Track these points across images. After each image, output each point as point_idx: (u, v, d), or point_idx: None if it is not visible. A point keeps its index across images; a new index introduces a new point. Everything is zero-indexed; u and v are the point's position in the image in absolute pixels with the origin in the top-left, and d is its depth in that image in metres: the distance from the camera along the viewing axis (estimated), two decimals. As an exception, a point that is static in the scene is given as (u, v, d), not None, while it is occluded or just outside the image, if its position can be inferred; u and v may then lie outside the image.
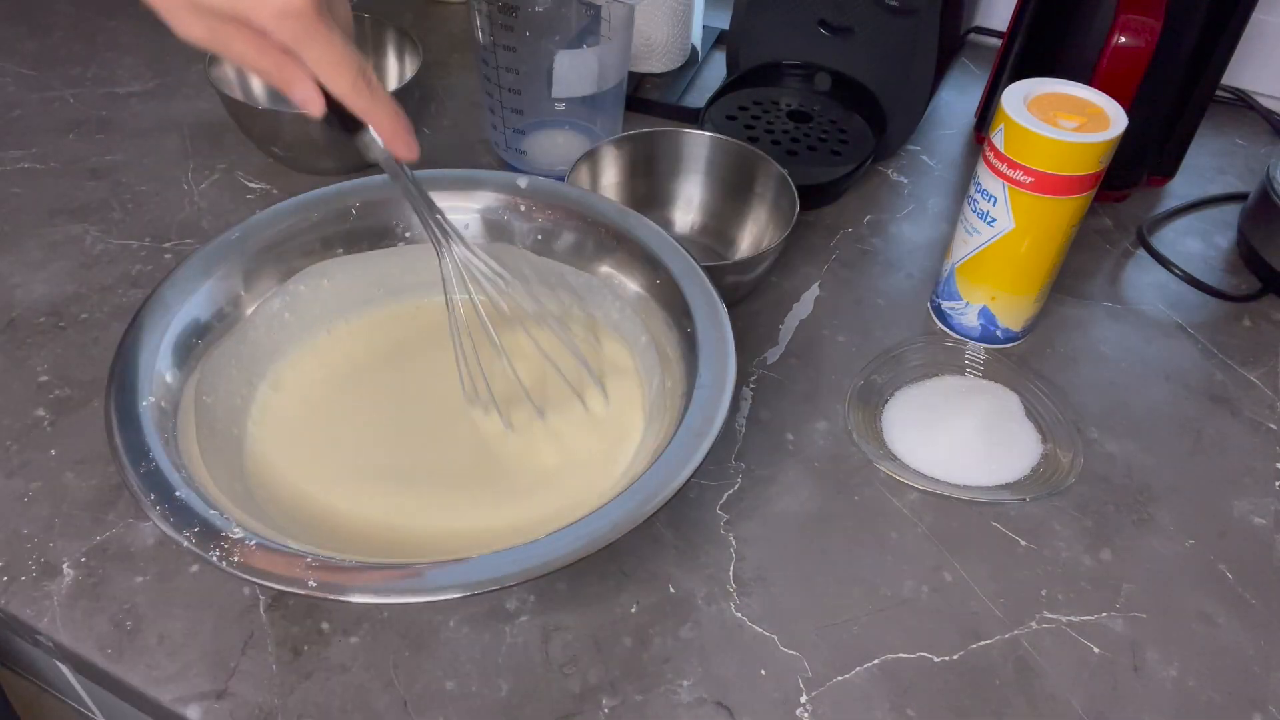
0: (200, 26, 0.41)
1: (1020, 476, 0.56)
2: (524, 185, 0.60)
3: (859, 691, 0.47)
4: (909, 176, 0.78)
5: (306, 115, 0.45)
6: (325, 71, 0.43)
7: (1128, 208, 0.76)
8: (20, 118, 0.80)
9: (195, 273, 0.54)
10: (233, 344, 0.54)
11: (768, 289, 0.68)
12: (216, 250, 0.55)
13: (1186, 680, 0.48)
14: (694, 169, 0.70)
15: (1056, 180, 0.54)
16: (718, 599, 0.50)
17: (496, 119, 0.73)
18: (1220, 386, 0.62)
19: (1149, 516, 0.55)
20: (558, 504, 0.51)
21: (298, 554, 0.42)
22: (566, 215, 0.60)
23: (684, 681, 0.47)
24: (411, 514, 0.50)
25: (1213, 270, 0.71)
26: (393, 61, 0.78)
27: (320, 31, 0.42)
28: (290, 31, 0.41)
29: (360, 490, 0.51)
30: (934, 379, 0.61)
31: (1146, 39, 0.63)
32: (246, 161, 0.76)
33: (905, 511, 0.55)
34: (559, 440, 0.54)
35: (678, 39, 0.84)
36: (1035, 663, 0.48)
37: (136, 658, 0.47)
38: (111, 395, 0.48)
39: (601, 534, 0.42)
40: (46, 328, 0.63)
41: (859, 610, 0.50)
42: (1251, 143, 0.83)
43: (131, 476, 0.44)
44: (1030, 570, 0.52)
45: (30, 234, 0.69)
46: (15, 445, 0.56)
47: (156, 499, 0.43)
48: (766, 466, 0.56)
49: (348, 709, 0.46)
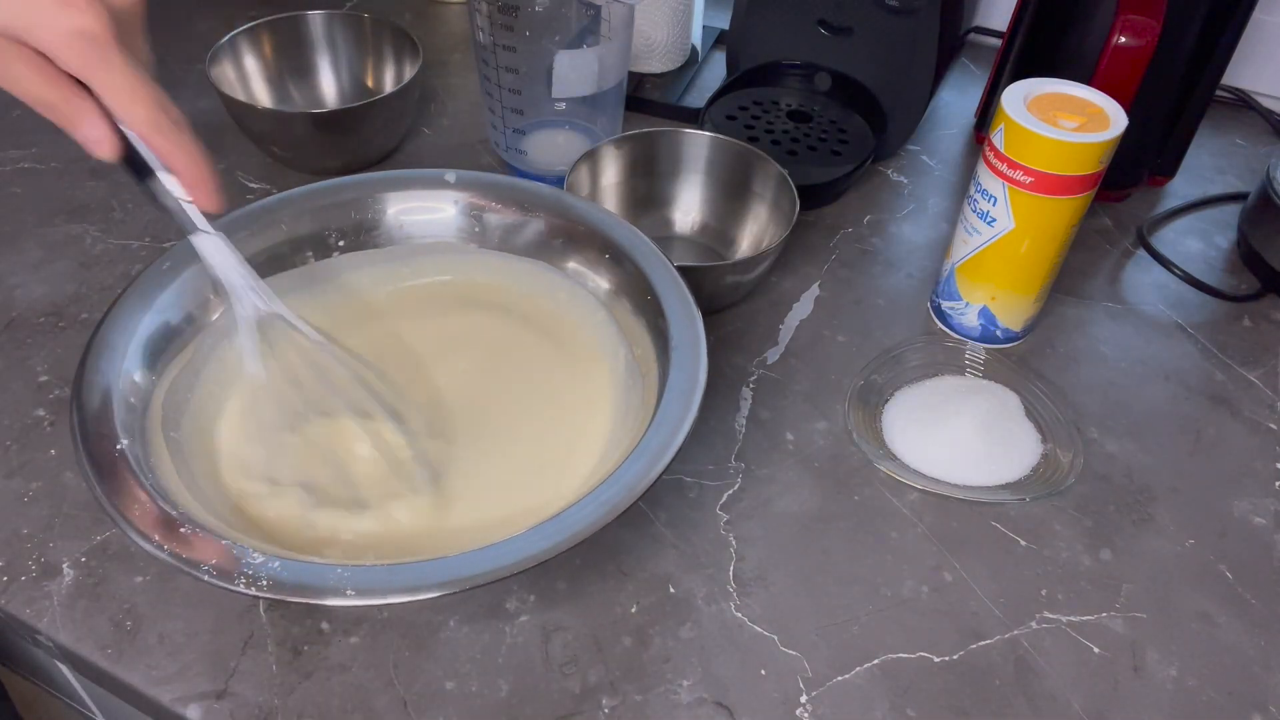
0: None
1: (1020, 476, 0.56)
2: (452, 180, 0.60)
3: (859, 691, 0.47)
4: (909, 176, 0.78)
5: (98, 158, 0.39)
6: (121, 103, 0.38)
7: (1128, 208, 0.76)
8: (20, 118, 0.80)
9: (135, 307, 0.53)
10: (196, 352, 0.54)
11: (768, 289, 0.68)
12: (149, 282, 0.54)
13: (1186, 680, 0.48)
14: (694, 169, 0.70)
15: (1057, 180, 0.54)
16: (718, 599, 0.50)
17: (496, 119, 0.73)
18: (1220, 386, 0.62)
19: (1149, 516, 0.55)
20: (524, 503, 0.51)
21: (326, 566, 0.42)
22: (511, 206, 0.60)
23: (684, 681, 0.47)
24: (386, 514, 0.51)
25: (1213, 270, 0.71)
26: (392, 61, 0.78)
27: (116, 58, 0.37)
28: (81, 56, 0.36)
29: (337, 490, 0.51)
30: (934, 379, 0.61)
31: (1146, 39, 0.63)
32: (246, 161, 0.76)
33: (905, 511, 0.55)
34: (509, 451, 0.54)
35: (678, 39, 0.84)
36: (1035, 663, 0.48)
37: (136, 658, 0.47)
38: (81, 448, 0.46)
39: (580, 526, 0.43)
40: (46, 328, 0.63)
41: (859, 610, 0.50)
42: (1251, 143, 0.83)
43: (129, 530, 0.43)
44: (1030, 570, 0.52)
45: (30, 234, 0.69)
46: (15, 445, 0.56)
47: (161, 540, 0.42)
48: (766, 466, 0.56)
49: (348, 709, 0.46)
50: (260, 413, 0.54)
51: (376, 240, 0.60)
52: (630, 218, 0.61)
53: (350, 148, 0.73)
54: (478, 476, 0.53)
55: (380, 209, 0.60)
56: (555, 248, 0.59)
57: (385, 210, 0.60)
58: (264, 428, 0.53)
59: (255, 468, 0.52)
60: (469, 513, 0.51)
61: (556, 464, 0.53)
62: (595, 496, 0.44)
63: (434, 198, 0.60)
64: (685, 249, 0.71)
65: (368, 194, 0.60)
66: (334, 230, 0.59)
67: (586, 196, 0.67)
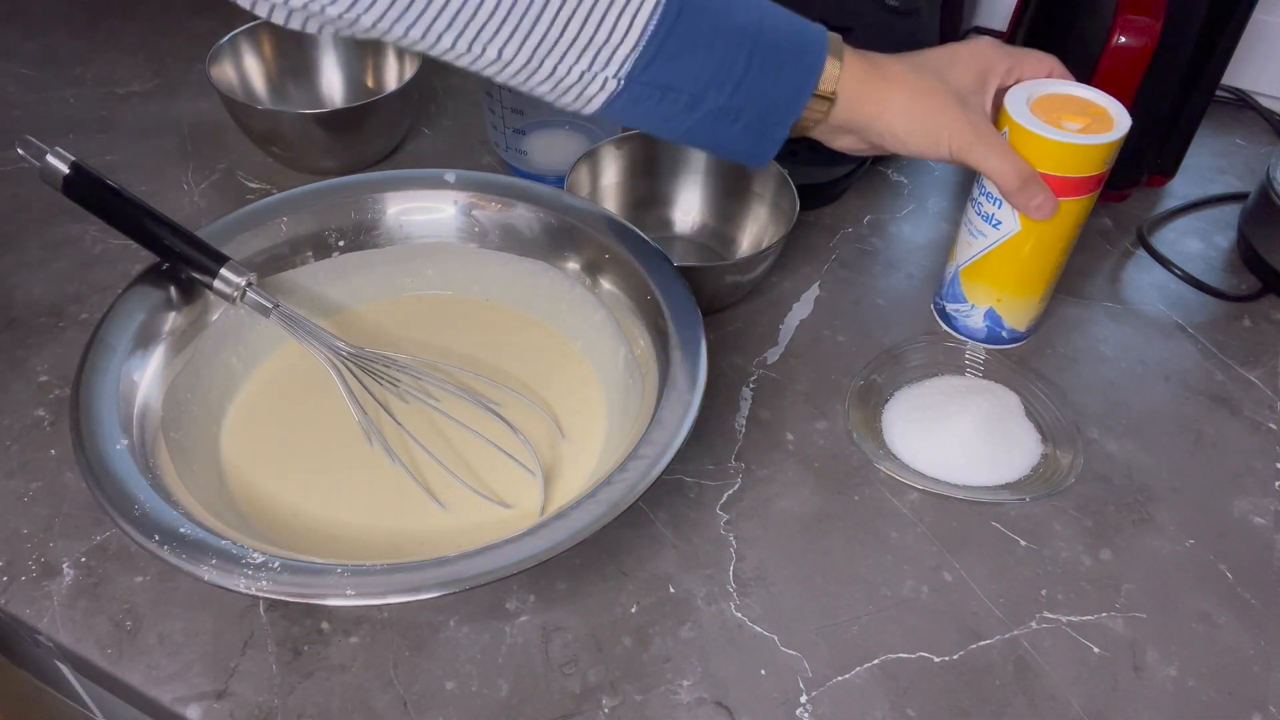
0: None
1: (1020, 476, 0.56)
2: (452, 180, 0.61)
3: (859, 691, 0.47)
4: (909, 176, 0.78)
5: None
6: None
7: (1128, 208, 0.76)
8: (20, 118, 0.80)
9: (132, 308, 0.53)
10: (197, 353, 0.54)
11: (768, 289, 0.68)
12: (149, 282, 0.54)
13: (1186, 680, 0.48)
14: (694, 169, 0.70)
15: (1062, 182, 0.54)
16: (718, 599, 0.50)
17: (496, 119, 0.73)
18: (1220, 386, 0.62)
19: (1149, 516, 0.55)
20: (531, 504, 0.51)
21: (326, 568, 0.42)
22: (511, 206, 0.60)
23: (684, 681, 0.47)
24: (386, 515, 0.51)
25: (1213, 270, 0.71)
26: (392, 61, 0.78)
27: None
28: None
29: (340, 492, 0.52)
30: (934, 379, 0.61)
31: (1146, 39, 0.63)
32: (246, 161, 0.76)
33: (905, 511, 0.55)
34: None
35: (678, 39, 0.84)
36: (1035, 663, 0.48)
37: (136, 658, 0.47)
38: (81, 448, 0.46)
39: (584, 524, 0.43)
40: (46, 328, 0.63)
41: (859, 610, 0.50)
42: (1251, 143, 0.83)
43: (130, 529, 0.43)
44: (1030, 570, 0.52)
45: (30, 234, 0.69)
46: (15, 445, 0.56)
47: (161, 540, 0.42)
48: (766, 466, 0.56)
49: (348, 709, 0.46)
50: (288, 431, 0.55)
51: (376, 240, 0.60)
52: (630, 218, 0.61)
53: (350, 148, 0.73)
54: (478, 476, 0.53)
55: (380, 209, 0.60)
56: (555, 248, 0.59)
57: (385, 210, 0.60)
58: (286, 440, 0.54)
59: (260, 468, 0.52)
60: (469, 513, 0.51)
61: (556, 464, 0.53)
62: (595, 496, 0.44)
63: (434, 198, 0.60)
64: (685, 249, 0.71)
65: (368, 194, 0.60)
66: (334, 230, 0.59)
67: (586, 196, 0.67)
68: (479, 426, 0.53)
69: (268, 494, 0.51)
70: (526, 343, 0.60)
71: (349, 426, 0.54)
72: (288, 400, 0.56)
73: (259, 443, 0.54)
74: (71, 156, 0.52)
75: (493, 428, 0.53)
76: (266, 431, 0.54)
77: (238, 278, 0.53)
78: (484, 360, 0.58)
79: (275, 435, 0.54)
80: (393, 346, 0.58)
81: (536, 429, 0.54)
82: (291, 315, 0.54)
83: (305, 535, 0.49)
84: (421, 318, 0.61)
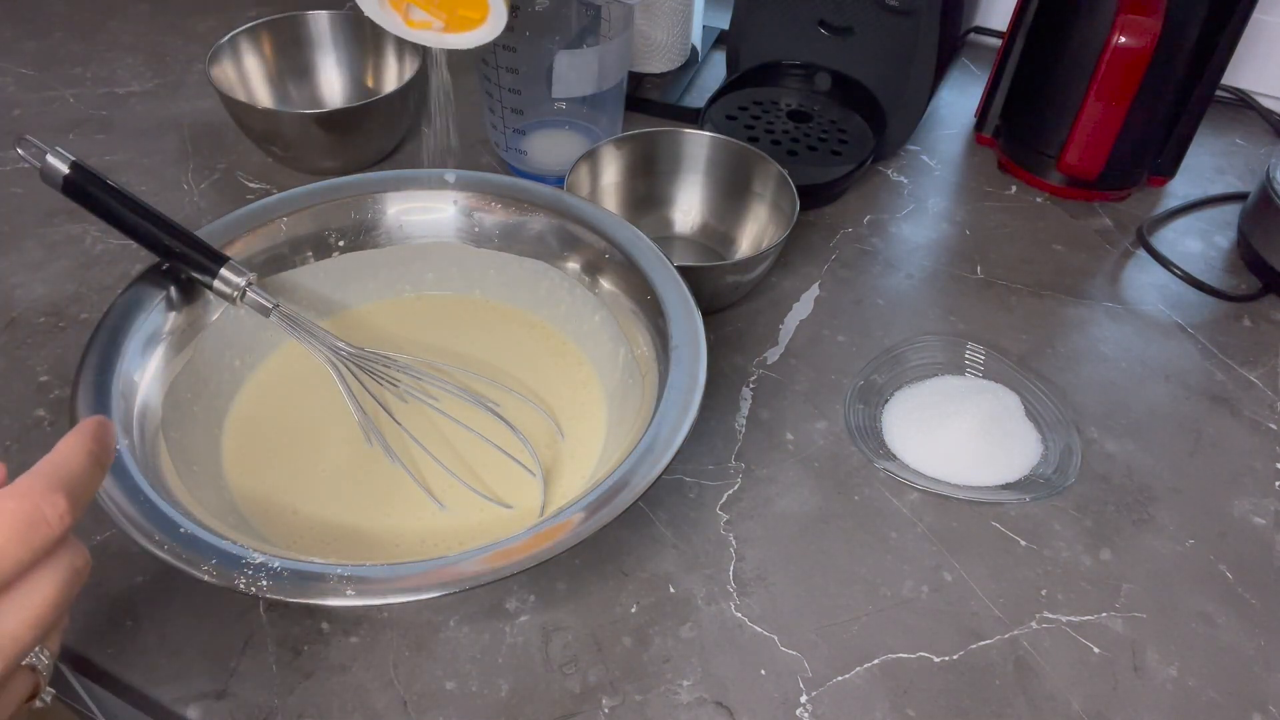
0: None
1: (1020, 476, 0.56)
2: (452, 180, 0.61)
3: (859, 691, 0.47)
4: (909, 176, 0.78)
5: None
6: None
7: (1128, 208, 0.76)
8: (20, 118, 0.80)
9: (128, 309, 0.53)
10: (197, 353, 0.54)
11: (768, 289, 0.68)
12: (150, 281, 0.54)
13: (1186, 680, 0.48)
14: (694, 169, 0.70)
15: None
16: (718, 599, 0.50)
17: (496, 119, 0.73)
18: (1220, 386, 0.62)
19: (1149, 516, 0.55)
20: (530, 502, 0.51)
21: (326, 568, 0.42)
22: (511, 206, 0.60)
23: (684, 681, 0.47)
24: (386, 515, 0.51)
25: (1213, 270, 0.71)
26: (392, 61, 0.78)
27: None
28: None
29: (340, 492, 0.52)
30: (934, 379, 0.61)
31: (1146, 39, 0.63)
32: (246, 161, 0.76)
33: (905, 511, 0.55)
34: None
35: (678, 39, 0.84)
36: (1035, 663, 0.48)
37: (136, 658, 0.47)
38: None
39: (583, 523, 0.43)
40: (46, 328, 0.63)
41: (859, 610, 0.50)
42: (1251, 143, 0.83)
43: (130, 529, 0.43)
44: (1030, 570, 0.52)
45: (30, 234, 0.69)
46: (15, 445, 0.56)
47: (161, 540, 0.42)
48: (766, 466, 0.56)
49: (348, 709, 0.46)
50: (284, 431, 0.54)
51: (376, 240, 0.60)
52: (630, 218, 0.61)
53: (350, 148, 0.73)
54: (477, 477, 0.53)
55: (380, 209, 0.60)
56: (555, 248, 0.59)
57: (385, 210, 0.60)
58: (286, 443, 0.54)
59: (260, 468, 0.52)
60: (469, 512, 0.51)
61: (556, 464, 0.53)
62: (595, 496, 0.44)
63: (434, 198, 0.60)
64: (685, 249, 0.71)
65: (368, 194, 0.60)
66: (334, 230, 0.59)
67: (586, 196, 0.67)
68: (479, 426, 0.53)
69: (267, 494, 0.51)
70: (526, 343, 0.60)
71: (349, 426, 0.54)
72: (288, 400, 0.56)
73: (259, 443, 0.54)
74: (71, 156, 0.51)
75: (493, 428, 0.53)
76: (266, 431, 0.54)
77: (238, 278, 0.53)
78: (484, 360, 0.58)
79: (275, 435, 0.54)
80: (393, 346, 0.58)
81: (536, 429, 0.54)
82: (291, 315, 0.54)
83: (305, 535, 0.49)
84: (421, 318, 0.61)
